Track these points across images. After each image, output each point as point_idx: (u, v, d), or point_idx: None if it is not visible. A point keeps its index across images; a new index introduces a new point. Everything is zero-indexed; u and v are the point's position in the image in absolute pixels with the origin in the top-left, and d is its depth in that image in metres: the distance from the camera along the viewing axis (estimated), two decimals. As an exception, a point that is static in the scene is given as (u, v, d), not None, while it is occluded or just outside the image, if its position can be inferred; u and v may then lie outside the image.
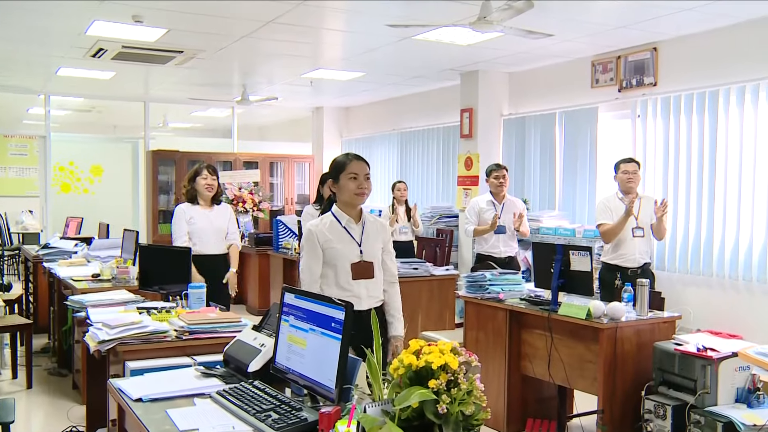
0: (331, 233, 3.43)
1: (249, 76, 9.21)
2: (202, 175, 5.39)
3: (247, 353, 2.68)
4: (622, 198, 5.48)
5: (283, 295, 2.53)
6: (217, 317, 3.40)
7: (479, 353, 4.76)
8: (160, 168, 11.16)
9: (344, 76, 8.87)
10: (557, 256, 4.39)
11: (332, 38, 6.94)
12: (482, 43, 6.73)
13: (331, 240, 3.42)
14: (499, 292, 4.83)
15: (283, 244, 8.34)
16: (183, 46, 7.15)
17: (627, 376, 4.10)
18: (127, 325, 3.22)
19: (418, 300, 6.28)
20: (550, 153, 7.72)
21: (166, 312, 3.63)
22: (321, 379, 2.23)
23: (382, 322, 3.46)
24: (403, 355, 1.96)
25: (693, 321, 5.67)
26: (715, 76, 6.01)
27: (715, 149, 5.99)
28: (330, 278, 3.44)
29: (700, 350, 3.67)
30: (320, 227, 3.45)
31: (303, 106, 12.14)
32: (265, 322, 2.96)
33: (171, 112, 13.26)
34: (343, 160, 3.51)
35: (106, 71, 8.58)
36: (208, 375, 2.70)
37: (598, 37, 6.46)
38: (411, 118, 10.29)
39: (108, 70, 8.53)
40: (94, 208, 12.21)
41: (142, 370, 2.85)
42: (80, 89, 10.32)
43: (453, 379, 1.89)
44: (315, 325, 2.31)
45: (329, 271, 3.45)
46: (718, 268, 5.98)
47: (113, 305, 4.00)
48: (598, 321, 4.07)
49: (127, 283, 5.18)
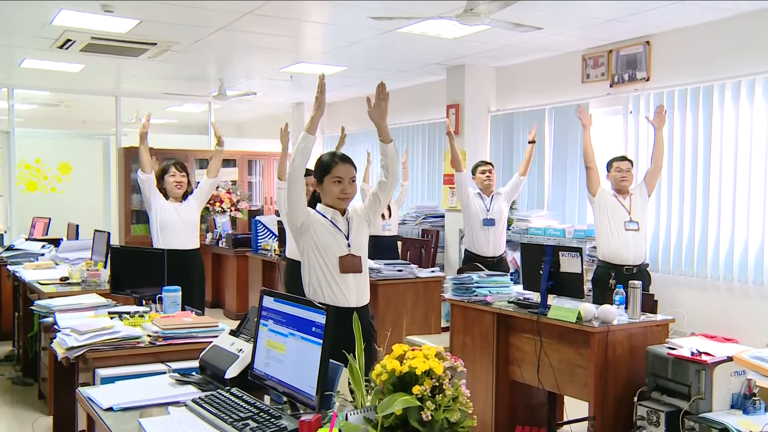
0: (320, 228, 3.49)
1: (226, 70, 9.17)
2: (170, 173, 5.41)
3: (224, 359, 2.68)
4: (614, 194, 5.53)
5: (261, 298, 2.53)
6: (192, 322, 3.40)
7: (466, 358, 4.78)
8: (133, 166, 11.06)
9: (326, 70, 8.86)
10: (546, 258, 4.41)
11: (313, 31, 6.94)
12: (469, 36, 6.75)
13: (318, 235, 3.48)
14: (487, 294, 4.84)
15: (262, 246, 8.32)
16: (156, 38, 7.11)
17: (619, 381, 4.13)
18: (97, 331, 3.20)
19: (402, 303, 6.29)
20: (539, 150, 7.74)
21: (139, 317, 3.62)
22: (301, 385, 2.23)
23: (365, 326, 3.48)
24: (387, 360, 1.97)
25: (687, 324, 5.71)
26: (710, 71, 6.06)
27: (710, 147, 6.04)
28: (314, 275, 3.48)
29: (694, 354, 3.70)
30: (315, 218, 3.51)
31: (283, 101, 12.11)
32: (243, 326, 2.96)
33: (144, 108, 13.17)
34: (329, 161, 3.53)
35: (74, 63, 8.51)
36: (183, 382, 2.70)
37: (588, 30, 6.50)
38: (395, 115, 10.28)
39: (76, 63, 8.45)
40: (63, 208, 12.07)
41: (113, 378, 2.84)
42: (47, 82, 10.22)
43: (438, 385, 1.89)
44: (295, 330, 2.31)
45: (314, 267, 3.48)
46: (712, 269, 6.03)
47: (83, 310, 3.99)
48: (588, 324, 4.10)
49: (97, 286, 5.15)
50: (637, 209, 5.52)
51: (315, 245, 3.48)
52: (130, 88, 10.63)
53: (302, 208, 3.46)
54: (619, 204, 5.53)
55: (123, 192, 11.02)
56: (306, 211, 3.48)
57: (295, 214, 3.47)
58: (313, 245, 3.48)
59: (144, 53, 7.74)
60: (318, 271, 3.49)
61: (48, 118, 14.24)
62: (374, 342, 3.68)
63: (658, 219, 6.42)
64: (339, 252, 3.49)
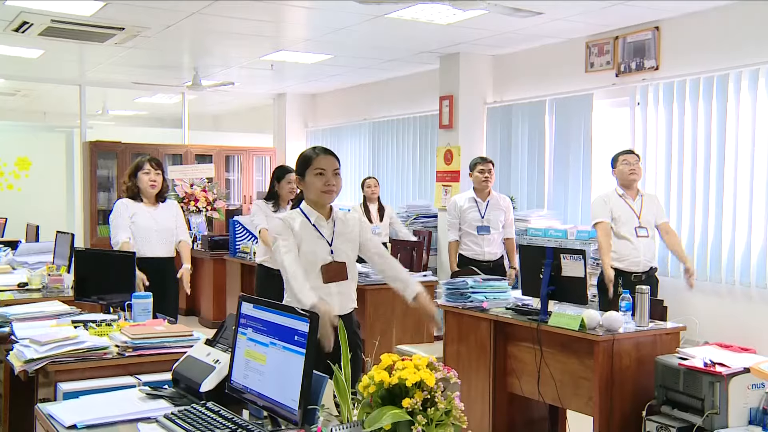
0: (301, 232, 3.50)
1: (201, 58, 9.15)
2: (144, 170, 5.36)
3: (200, 371, 2.68)
4: (623, 194, 5.52)
5: (240, 304, 2.53)
6: (164, 331, 3.39)
7: (460, 369, 4.80)
8: (100, 161, 11.06)
9: (309, 58, 8.86)
10: (547, 261, 4.42)
11: (296, 15, 6.93)
12: (463, 22, 6.76)
13: (300, 240, 3.48)
14: (483, 300, 4.86)
15: (240, 248, 8.30)
16: (124, 22, 7.08)
17: (626, 394, 4.15)
18: (59, 341, 3.18)
19: (391, 310, 6.29)
20: (540, 145, 7.78)
21: (106, 325, 3.61)
22: (283, 399, 2.23)
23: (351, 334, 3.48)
24: (375, 371, 1.97)
25: (699, 332, 5.74)
26: (725, 59, 6.05)
27: (725, 141, 6.04)
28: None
29: (707, 365, 3.72)
30: (293, 224, 3.51)
31: (263, 92, 12.10)
32: (220, 335, 2.96)
33: (111, 98, 13.13)
34: (310, 154, 3.59)
35: (32, 49, 8.43)
36: (154, 396, 2.69)
37: (592, 15, 6.52)
38: (384, 107, 10.31)
39: (35, 48, 8.38)
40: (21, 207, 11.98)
41: (77, 393, 2.83)
42: (1, 69, 10.15)
43: (429, 398, 1.90)
44: (276, 339, 2.32)
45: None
46: (727, 272, 6.04)
47: (44, 318, 3.96)
48: (592, 333, 4.11)
49: (60, 293, 5.12)
50: (647, 214, 5.54)
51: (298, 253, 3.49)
52: (96, 76, 10.58)
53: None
54: (627, 207, 5.53)
55: (89, 190, 10.98)
56: (294, 244, 3.48)
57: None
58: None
59: (111, 39, 7.71)
60: None
61: (4, 108, 14.17)
62: (361, 351, 3.68)
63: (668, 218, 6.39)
64: (322, 260, 3.51)
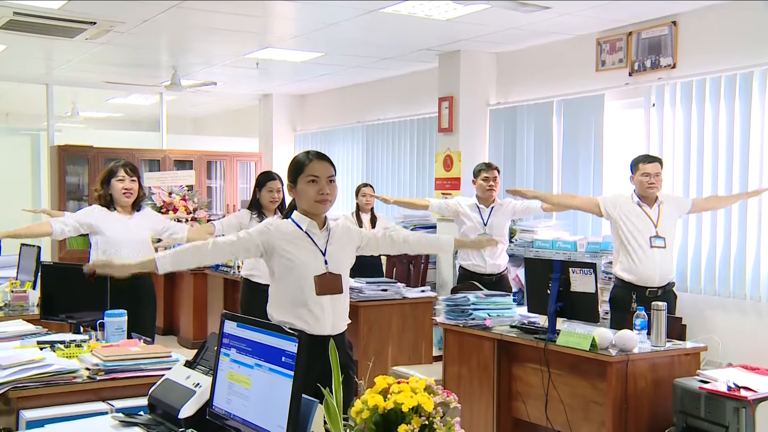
0: (291, 243, 3.49)
1: (181, 56, 9.16)
2: (117, 177, 5.31)
3: (178, 396, 2.67)
4: (639, 202, 5.49)
5: (222, 323, 2.53)
6: (140, 352, 3.38)
7: (461, 392, 4.79)
8: (69, 167, 11.03)
9: (298, 56, 8.87)
10: (555, 275, 4.43)
11: (283, 10, 6.95)
12: (464, 17, 6.78)
13: (289, 251, 3.47)
14: (486, 318, 4.86)
15: (223, 262, 8.29)
16: (95, 16, 7.07)
17: (641, 420, 4.15)
18: (23, 365, 3.17)
19: (387, 328, 6.29)
20: (547, 150, 7.78)
21: (75, 346, 3.59)
22: (269, 425, 2.22)
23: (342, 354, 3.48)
24: (368, 395, 1.97)
25: (722, 353, 5.72)
26: (749, 56, 6.04)
27: (748, 146, 6.03)
28: (283, 296, 3.48)
29: (731, 389, 3.72)
30: (280, 230, 3.51)
31: (248, 93, 12.11)
32: (201, 356, 2.96)
33: (82, 99, 13.12)
34: (302, 159, 3.56)
35: (-7, 43, 8.45)
36: (128, 424, 2.69)
37: (604, 9, 6.54)
38: (379, 109, 10.32)
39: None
40: (-20, 218, 11.99)
41: (42, 421, 2.82)
42: (-42, 65, 10.15)
43: (428, 424, 1.90)
44: (262, 360, 2.31)
45: (282, 288, 3.49)
46: (752, 288, 6.02)
47: (6, 340, 3.95)
48: (604, 353, 4.12)
49: (24, 311, 5.13)
50: (665, 222, 5.45)
51: (286, 263, 3.47)
52: (65, 75, 10.55)
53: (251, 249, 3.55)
54: (644, 214, 5.45)
55: (57, 198, 10.94)
56: (256, 243, 3.51)
57: (247, 255, 3.67)
58: (285, 263, 3.47)
59: (80, 34, 7.69)
60: (287, 293, 3.49)
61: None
62: (354, 373, 3.67)
63: (687, 229, 6.39)
64: (315, 270, 3.49)
